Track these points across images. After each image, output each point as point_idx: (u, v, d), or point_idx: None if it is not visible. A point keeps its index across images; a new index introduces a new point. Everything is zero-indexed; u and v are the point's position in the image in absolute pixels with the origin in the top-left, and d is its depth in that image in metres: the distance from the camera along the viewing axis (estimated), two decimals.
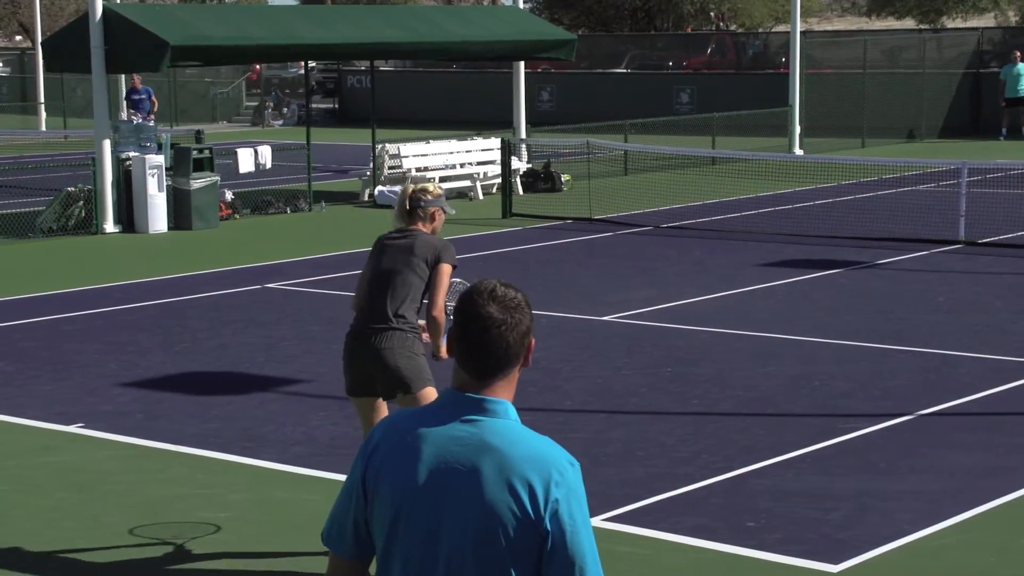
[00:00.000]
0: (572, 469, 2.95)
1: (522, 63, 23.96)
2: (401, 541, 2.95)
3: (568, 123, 27.17)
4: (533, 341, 3.04)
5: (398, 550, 2.96)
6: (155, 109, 27.96)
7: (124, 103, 29.57)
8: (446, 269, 6.83)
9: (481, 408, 2.96)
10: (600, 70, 39.31)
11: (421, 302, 6.88)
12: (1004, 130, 30.30)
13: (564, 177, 22.69)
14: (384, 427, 3.06)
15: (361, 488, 3.02)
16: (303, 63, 27.48)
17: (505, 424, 2.96)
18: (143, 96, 28.49)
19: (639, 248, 16.74)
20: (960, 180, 17.11)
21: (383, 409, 6.91)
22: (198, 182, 18.82)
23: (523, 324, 3.00)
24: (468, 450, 2.92)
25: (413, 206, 6.96)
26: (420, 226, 6.97)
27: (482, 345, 2.97)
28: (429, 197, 6.98)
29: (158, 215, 18.64)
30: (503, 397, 3.00)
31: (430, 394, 6.71)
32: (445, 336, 6.73)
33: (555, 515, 2.88)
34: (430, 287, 6.83)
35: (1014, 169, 22.12)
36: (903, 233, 16.94)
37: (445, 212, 7.06)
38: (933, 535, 7.04)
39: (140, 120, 26.52)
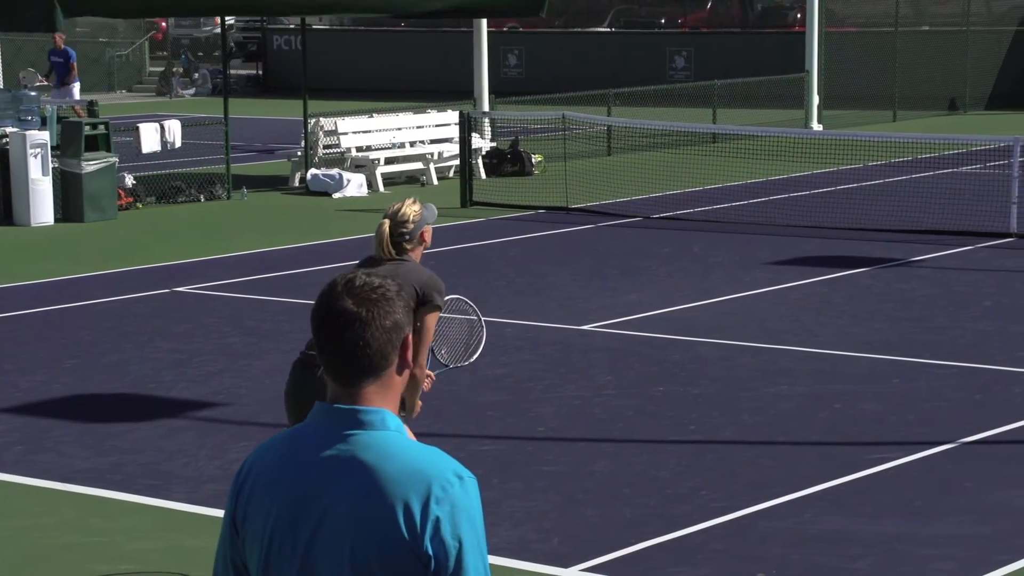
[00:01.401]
0: (460, 483, 3.00)
1: (484, 20, 23.99)
2: None
3: (540, 93, 27.22)
4: (409, 338, 3.10)
5: None
6: (71, 78, 27.63)
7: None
8: (433, 318, 7.01)
9: (354, 420, 3.05)
10: (578, 29, 39.42)
11: None
12: None
13: (535, 158, 22.74)
14: (255, 455, 3.17)
15: (232, 525, 3.14)
16: (218, 20, 27.45)
17: (382, 436, 3.04)
18: (59, 59, 28.17)
19: (625, 243, 16.78)
20: (1012, 160, 17.24)
21: None
22: (91, 164, 18.75)
23: (388, 318, 3.05)
24: (339, 470, 3.01)
25: (397, 242, 7.09)
26: (410, 253, 7.14)
27: (341, 346, 3.04)
28: (411, 226, 7.11)
29: (42, 204, 18.56)
30: (380, 406, 3.06)
31: None
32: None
33: (436, 536, 2.95)
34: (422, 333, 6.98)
35: None
36: (943, 224, 17.06)
37: (430, 223, 7.21)
38: None
39: (53, 88, 26.29)
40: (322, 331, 3.07)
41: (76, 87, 27.43)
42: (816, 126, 27.10)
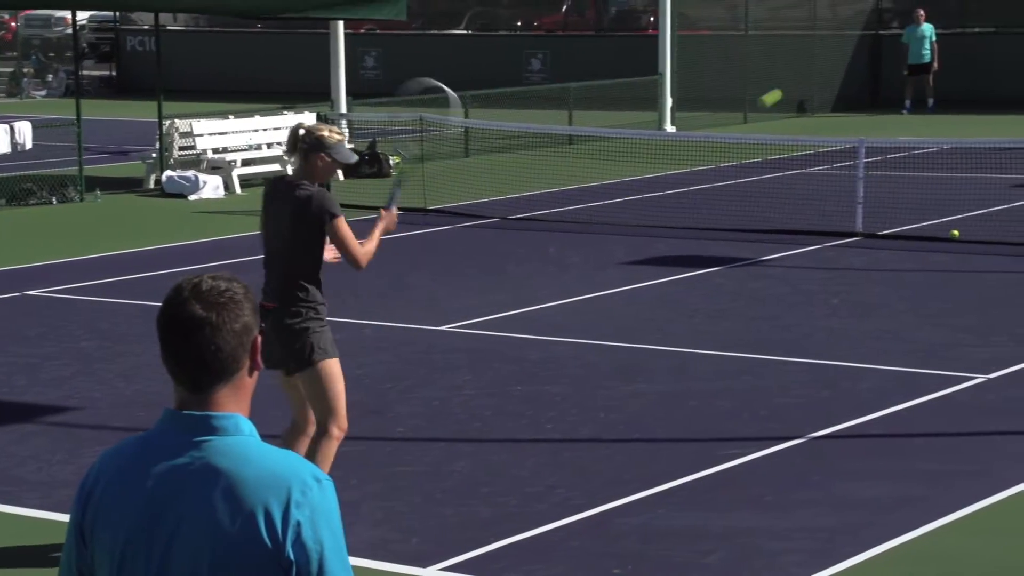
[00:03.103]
0: (318, 486, 2.98)
1: (341, 22, 23.88)
2: None
3: (397, 95, 27.15)
4: (259, 339, 3.06)
5: None
6: None
7: None
8: (339, 224, 7.49)
9: (206, 426, 3.00)
10: (435, 31, 39.41)
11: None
12: (908, 102, 31.16)
13: (393, 160, 22.69)
14: (101, 462, 3.10)
15: (79, 533, 3.06)
16: (69, 19, 26.99)
17: (236, 442, 2.99)
18: None
19: (483, 244, 16.81)
20: (857, 161, 17.55)
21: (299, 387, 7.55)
22: None
23: (238, 321, 3.01)
24: (194, 477, 2.96)
25: (294, 145, 7.54)
26: (305, 177, 7.51)
27: (188, 352, 2.99)
28: (311, 139, 7.44)
29: None
30: (233, 410, 3.02)
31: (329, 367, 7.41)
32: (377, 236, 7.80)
33: (298, 540, 2.93)
34: (337, 248, 7.60)
35: (919, 148, 22.79)
36: (792, 224, 17.31)
37: (336, 160, 7.55)
38: None
39: None
40: (169, 338, 3.01)
41: None
42: (670, 128, 27.36)
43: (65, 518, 8.01)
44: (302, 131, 7.52)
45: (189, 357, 3.00)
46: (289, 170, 19.93)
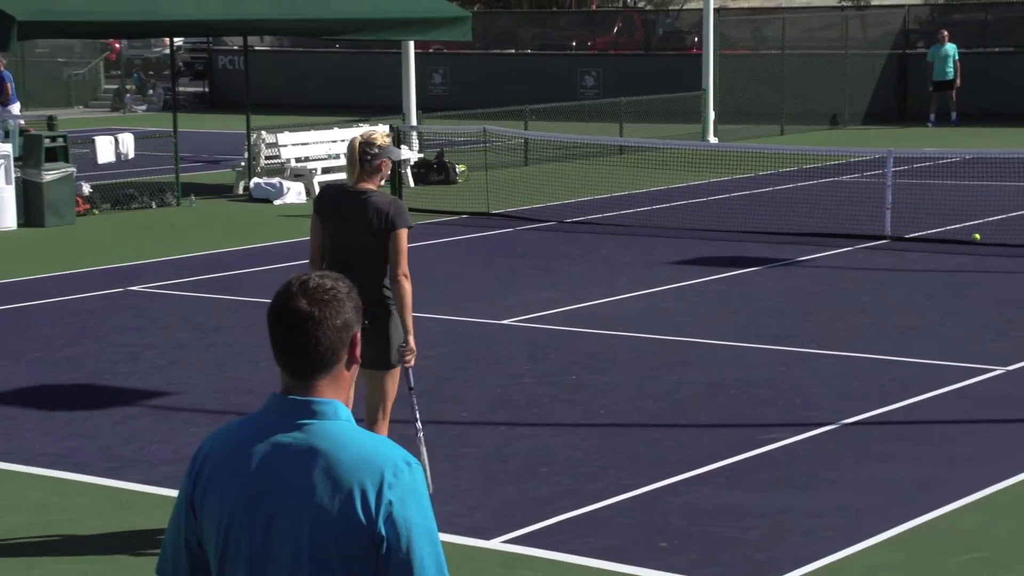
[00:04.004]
0: (408, 469, 2.97)
1: (412, 42, 23.95)
2: (232, 561, 3.00)
3: (463, 109, 27.20)
4: (358, 335, 3.06)
5: (230, 570, 3.00)
6: (6, 98, 27.07)
7: None
8: (403, 234, 7.25)
9: (308, 411, 3.00)
10: (497, 51, 39.41)
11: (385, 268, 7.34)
12: (932, 116, 30.90)
13: (459, 168, 22.72)
14: (212, 440, 3.10)
15: (189, 506, 3.07)
16: (168, 41, 27.18)
17: (335, 426, 2.99)
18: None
19: (541, 245, 16.82)
20: (886, 170, 17.44)
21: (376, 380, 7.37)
22: (51, 174, 18.53)
23: (339, 318, 3.01)
24: (295, 457, 2.96)
25: (362, 158, 7.35)
26: (369, 182, 7.36)
27: (293, 343, 3.00)
28: (376, 149, 7.34)
29: (6, 211, 18.33)
30: (332, 398, 3.02)
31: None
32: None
33: (389, 519, 2.92)
34: (390, 255, 7.26)
35: (943, 158, 22.61)
36: (825, 228, 17.22)
37: (392, 159, 7.46)
38: (857, 554, 7.18)
39: None
40: (277, 329, 3.01)
41: (16, 106, 26.81)
42: (712, 139, 27.25)
43: (163, 492, 8.11)
44: (362, 142, 7.35)
45: (293, 348, 3.00)
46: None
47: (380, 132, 7.47)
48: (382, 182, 7.51)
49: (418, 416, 7.51)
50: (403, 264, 7.23)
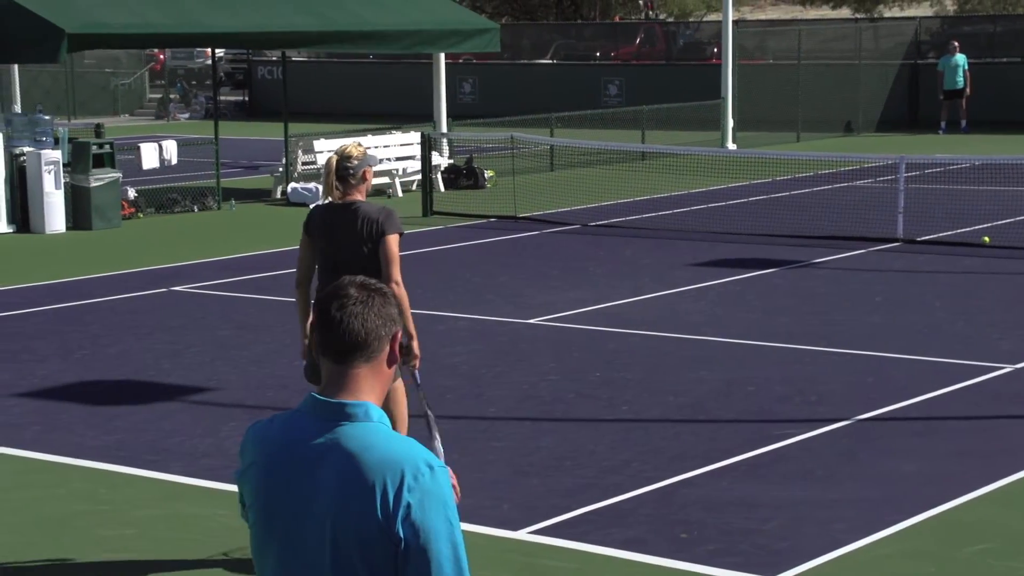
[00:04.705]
0: (430, 472, 2.93)
1: (442, 53, 23.96)
2: (271, 556, 3.03)
3: (491, 116, 27.21)
4: (399, 333, 3.05)
5: (270, 564, 3.03)
6: None
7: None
8: (392, 240, 7.03)
9: (341, 412, 2.99)
10: (524, 61, 39.41)
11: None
12: (943, 123, 30.76)
13: (487, 173, 22.72)
14: (252, 431, 3.12)
15: (240, 496, 3.12)
16: (210, 53, 27.27)
17: (365, 427, 2.99)
18: None
19: (566, 247, 16.80)
20: (898, 175, 17.36)
21: None
22: (98, 179, 18.61)
23: (385, 308, 3.02)
24: (326, 457, 2.96)
25: (342, 176, 7.07)
26: (356, 194, 7.12)
27: (340, 321, 2.99)
28: (355, 162, 7.09)
29: (55, 214, 18.42)
30: (366, 393, 3.02)
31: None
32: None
33: (407, 520, 2.88)
34: (381, 262, 7.00)
35: (953, 164, 22.49)
36: (840, 231, 17.15)
37: (372, 166, 7.19)
38: (871, 545, 7.14)
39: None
40: (326, 309, 3.00)
41: None
42: (731, 146, 27.19)
43: (205, 483, 8.13)
44: (339, 159, 7.07)
45: (339, 325, 2.98)
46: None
47: (352, 144, 7.16)
48: (368, 190, 7.26)
49: (428, 407, 7.34)
50: (395, 271, 6.99)
